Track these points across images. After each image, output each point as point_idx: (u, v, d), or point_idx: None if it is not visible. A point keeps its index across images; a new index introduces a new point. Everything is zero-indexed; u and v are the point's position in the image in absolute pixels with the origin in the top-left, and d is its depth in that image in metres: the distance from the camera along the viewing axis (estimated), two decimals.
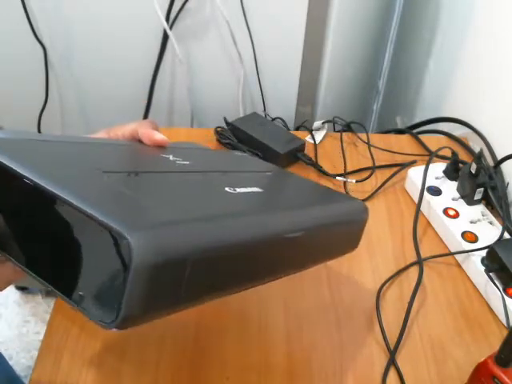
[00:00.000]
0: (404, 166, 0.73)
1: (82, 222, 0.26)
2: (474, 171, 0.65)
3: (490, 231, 0.62)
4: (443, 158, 0.74)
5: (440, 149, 0.73)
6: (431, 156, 0.71)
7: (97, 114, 0.96)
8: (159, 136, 0.45)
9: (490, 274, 0.56)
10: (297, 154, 0.75)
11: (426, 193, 0.67)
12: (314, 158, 0.75)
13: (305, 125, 0.85)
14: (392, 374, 0.51)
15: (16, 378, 0.71)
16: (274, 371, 0.50)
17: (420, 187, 0.67)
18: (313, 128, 0.81)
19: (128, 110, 0.93)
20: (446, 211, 0.65)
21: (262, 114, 0.86)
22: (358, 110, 1.10)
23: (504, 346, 0.42)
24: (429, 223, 0.67)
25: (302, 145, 0.76)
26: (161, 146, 0.45)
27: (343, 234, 0.47)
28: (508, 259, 0.55)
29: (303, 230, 0.38)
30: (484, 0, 0.78)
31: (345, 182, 0.72)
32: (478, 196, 0.65)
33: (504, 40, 0.72)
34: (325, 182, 0.73)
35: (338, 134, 0.81)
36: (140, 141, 0.45)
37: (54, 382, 0.48)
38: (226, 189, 0.38)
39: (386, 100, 1.19)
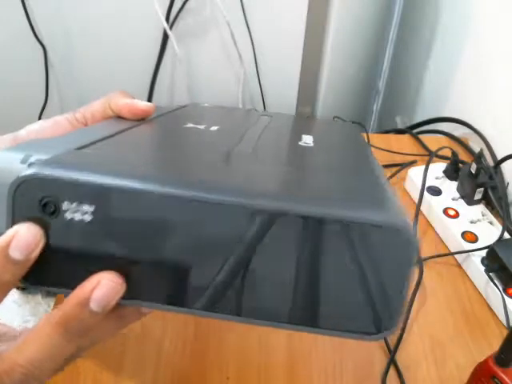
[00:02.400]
0: (404, 166, 0.73)
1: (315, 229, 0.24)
2: (474, 171, 0.65)
3: (490, 231, 0.62)
4: (443, 158, 0.74)
5: (440, 149, 0.73)
6: (431, 156, 0.71)
7: None
8: (142, 104, 0.36)
9: (490, 274, 0.56)
10: None
11: (425, 193, 0.67)
12: None
13: None
14: (392, 374, 0.51)
15: None
16: (274, 371, 0.50)
17: (420, 187, 0.67)
18: None
19: None
20: (446, 211, 0.65)
21: None
22: (358, 110, 1.10)
23: (504, 345, 0.42)
24: (429, 223, 0.67)
25: None
26: (146, 117, 0.37)
27: None
28: (508, 259, 0.55)
29: None
30: (484, 0, 0.78)
31: None
32: (478, 196, 0.65)
33: (504, 40, 0.72)
34: None
35: None
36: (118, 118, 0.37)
37: (54, 378, 0.48)
38: (300, 143, 0.35)
39: (386, 100, 1.19)
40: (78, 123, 0.36)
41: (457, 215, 0.64)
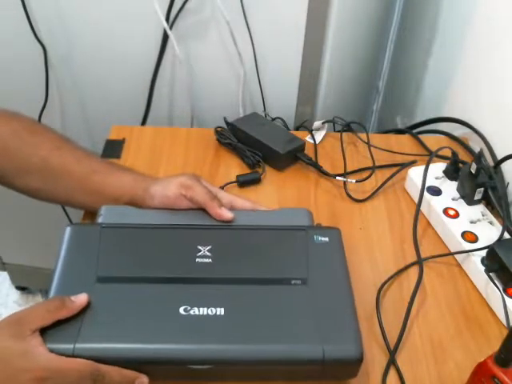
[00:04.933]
0: (404, 165, 0.73)
1: None
2: (474, 171, 0.65)
3: (490, 231, 0.62)
4: (443, 158, 0.74)
5: (440, 149, 0.73)
6: (431, 156, 0.71)
7: (97, 113, 0.96)
8: (227, 216, 0.56)
9: (490, 274, 0.56)
10: (297, 154, 0.75)
11: (425, 193, 0.67)
12: (314, 158, 0.75)
13: (305, 125, 0.84)
14: (392, 373, 0.51)
15: None
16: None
17: (420, 187, 0.67)
18: (313, 128, 0.81)
19: (128, 110, 0.93)
20: (445, 211, 0.65)
21: (262, 114, 0.86)
22: (358, 110, 1.10)
23: (504, 346, 0.42)
24: (429, 223, 0.67)
25: (302, 145, 0.76)
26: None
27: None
28: (508, 259, 0.55)
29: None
30: (484, 0, 0.78)
31: (345, 182, 0.72)
32: (478, 196, 0.65)
33: (504, 40, 0.72)
34: (325, 182, 0.73)
35: (338, 133, 0.81)
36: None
37: None
38: (181, 309, 0.46)
39: (386, 100, 1.19)
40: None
41: (457, 215, 0.64)
